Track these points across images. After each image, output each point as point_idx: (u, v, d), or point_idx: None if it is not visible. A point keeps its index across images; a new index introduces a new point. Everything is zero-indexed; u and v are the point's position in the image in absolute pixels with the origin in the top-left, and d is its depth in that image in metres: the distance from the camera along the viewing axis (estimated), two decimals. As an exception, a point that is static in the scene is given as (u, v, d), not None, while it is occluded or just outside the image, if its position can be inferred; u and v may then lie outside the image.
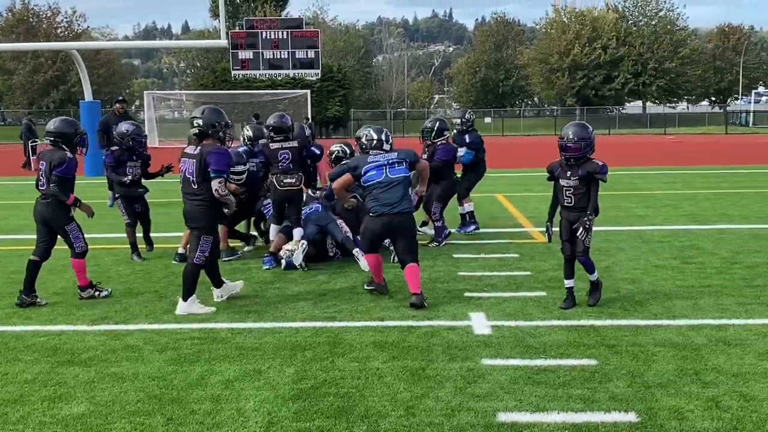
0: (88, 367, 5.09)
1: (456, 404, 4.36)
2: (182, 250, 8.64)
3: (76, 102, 38.45)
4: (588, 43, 65.14)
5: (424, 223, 10.03)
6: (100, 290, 7.08)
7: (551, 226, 6.49)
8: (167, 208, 12.53)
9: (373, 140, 6.90)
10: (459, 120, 10.26)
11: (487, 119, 61.97)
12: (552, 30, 69.47)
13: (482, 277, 7.63)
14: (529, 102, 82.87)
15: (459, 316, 6.16)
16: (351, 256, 8.63)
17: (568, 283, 6.40)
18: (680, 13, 72.28)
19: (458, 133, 10.20)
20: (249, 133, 9.20)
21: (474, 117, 10.58)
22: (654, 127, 60.43)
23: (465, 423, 4.11)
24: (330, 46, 68.64)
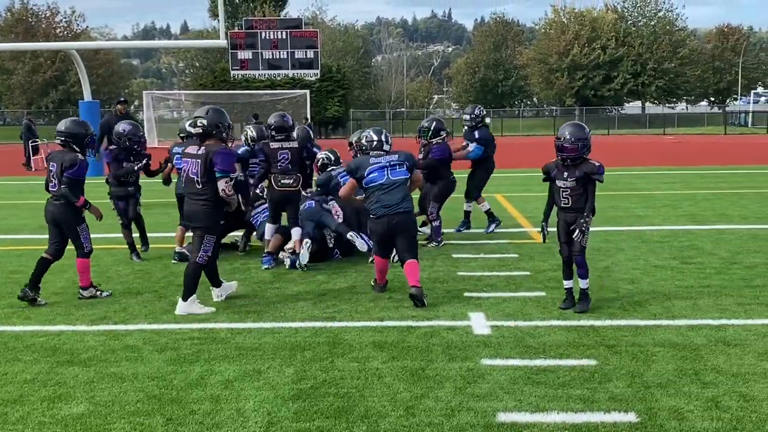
0: (88, 367, 5.09)
1: (456, 404, 4.36)
2: (180, 249, 8.64)
3: (75, 102, 38.35)
4: (587, 44, 65.16)
5: (424, 224, 10.03)
6: (101, 291, 7.09)
7: (546, 226, 6.49)
8: (167, 208, 12.53)
9: (373, 141, 6.98)
10: (468, 116, 10.22)
11: (487, 119, 61.84)
12: (551, 30, 69.50)
13: (482, 277, 7.63)
14: (528, 102, 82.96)
15: (458, 316, 6.16)
16: (351, 255, 8.66)
17: (567, 284, 6.39)
18: (679, 14, 72.32)
19: (468, 129, 10.18)
20: (252, 133, 9.05)
21: (485, 112, 10.43)
22: (653, 127, 60.46)
23: (465, 423, 4.11)
24: (329, 47, 68.63)
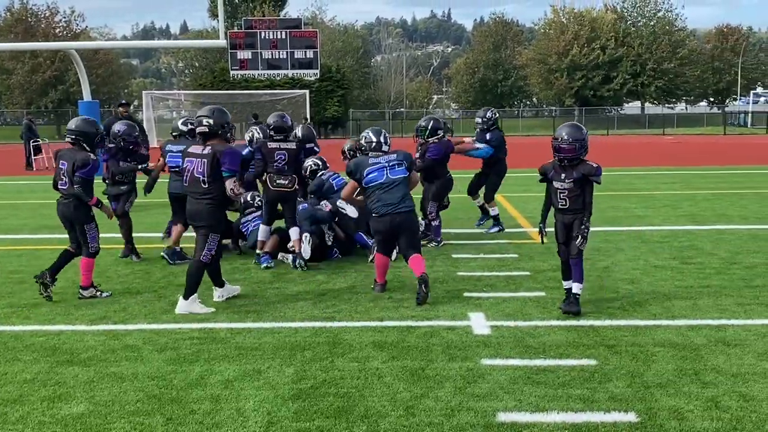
0: (88, 366, 5.08)
1: (455, 404, 4.36)
2: (177, 248, 8.62)
3: (75, 102, 38.35)
4: (586, 44, 65.11)
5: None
6: (101, 291, 7.08)
7: (544, 227, 6.48)
8: (167, 208, 12.49)
9: (372, 142, 7.14)
10: (480, 119, 10.19)
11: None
12: (550, 30, 69.45)
13: (481, 277, 7.63)
14: (528, 102, 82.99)
15: (458, 316, 6.16)
16: (350, 255, 8.69)
17: (566, 284, 6.38)
18: (679, 14, 72.42)
19: (480, 131, 10.19)
20: (258, 135, 8.88)
21: (497, 116, 10.38)
22: (652, 127, 60.44)
23: (465, 423, 4.11)
24: (328, 47, 68.62)
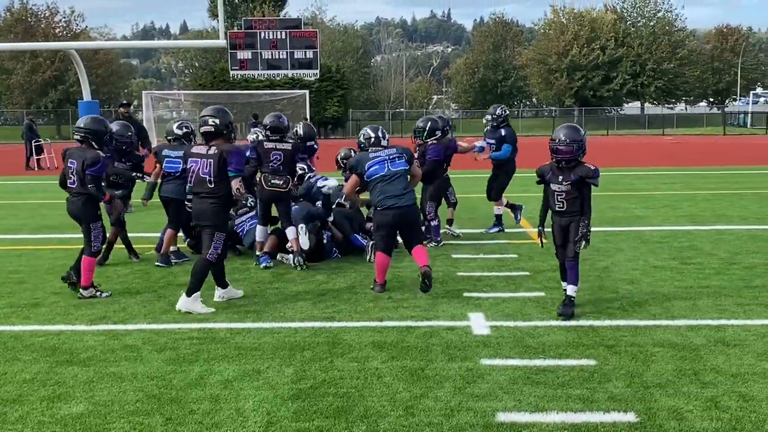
0: (87, 366, 5.08)
1: (455, 404, 4.36)
2: (174, 248, 8.61)
3: (75, 102, 38.37)
4: (586, 44, 65.13)
5: (450, 221, 10.06)
6: (101, 291, 7.08)
7: (543, 229, 6.48)
8: (166, 208, 12.50)
9: (370, 138, 7.36)
10: (491, 116, 10.12)
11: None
12: (550, 31, 69.48)
13: (481, 277, 7.63)
14: (528, 103, 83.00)
15: (458, 317, 6.17)
16: (350, 254, 8.71)
17: (565, 285, 6.38)
18: (678, 14, 72.40)
19: (491, 129, 10.12)
20: (262, 136, 8.74)
21: (507, 112, 10.28)
22: (652, 127, 60.48)
23: (464, 423, 4.11)
24: (328, 47, 68.62)
